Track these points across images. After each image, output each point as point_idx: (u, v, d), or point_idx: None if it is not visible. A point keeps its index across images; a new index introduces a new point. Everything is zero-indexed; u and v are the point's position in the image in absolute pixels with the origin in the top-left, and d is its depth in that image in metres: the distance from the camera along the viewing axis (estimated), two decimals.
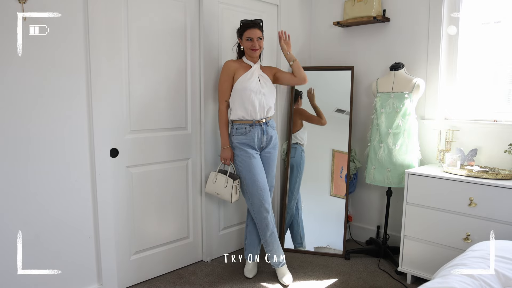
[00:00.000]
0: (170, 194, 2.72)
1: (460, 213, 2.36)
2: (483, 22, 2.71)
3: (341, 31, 3.40)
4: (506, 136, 2.55)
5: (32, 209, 2.04)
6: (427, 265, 2.51)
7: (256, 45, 2.50)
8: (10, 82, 1.92)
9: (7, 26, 1.88)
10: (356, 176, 3.30)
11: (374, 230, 3.31)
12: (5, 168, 1.94)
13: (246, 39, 2.50)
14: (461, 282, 1.42)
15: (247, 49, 2.53)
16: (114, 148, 2.38)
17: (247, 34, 2.49)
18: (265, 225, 2.54)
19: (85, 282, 2.28)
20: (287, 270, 2.65)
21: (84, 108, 2.19)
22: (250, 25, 2.49)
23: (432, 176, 2.47)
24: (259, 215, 2.54)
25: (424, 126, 2.93)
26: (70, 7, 2.08)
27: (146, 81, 2.50)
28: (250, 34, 2.48)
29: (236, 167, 2.60)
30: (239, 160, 2.56)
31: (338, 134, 3.18)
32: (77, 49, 2.13)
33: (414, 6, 2.95)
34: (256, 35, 2.49)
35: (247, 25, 2.50)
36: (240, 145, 2.55)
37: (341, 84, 3.21)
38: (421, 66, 2.94)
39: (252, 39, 2.49)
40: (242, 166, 2.55)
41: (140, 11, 2.42)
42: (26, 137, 1.99)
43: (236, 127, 2.57)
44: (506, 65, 2.64)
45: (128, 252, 2.53)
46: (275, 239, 2.60)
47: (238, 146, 2.56)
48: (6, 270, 1.97)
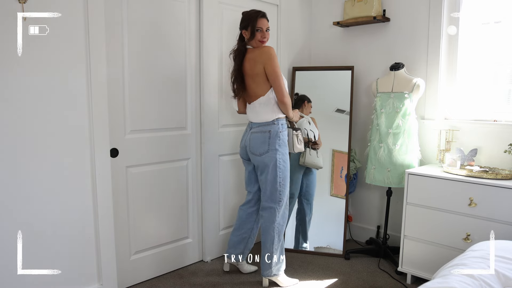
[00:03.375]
0: (170, 194, 2.72)
1: (460, 213, 2.36)
2: (483, 22, 2.71)
3: (341, 31, 3.40)
4: (506, 136, 2.55)
5: (32, 209, 2.04)
6: (427, 265, 2.51)
7: (266, 36, 2.43)
8: (10, 82, 1.92)
9: (7, 26, 1.87)
10: (356, 176, 3.30)
11: (374, 230, 3.31)
12: (5, 168, 1.94)
13: (256, 30, 2.39)
14: (461, 282, 1.42)
15: (256, 40, 2.41)
16: (114, 148, 2.38)
17: (258, 24, 2.39)
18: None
19: (85, 282, 2.28)
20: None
21: (84, 108, 2.19)
22: (260, 15, 2.40)
23: (432, 176, 2.47)
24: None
25: (424, 126, 2.93)
26: (70, 7, 2.08)
27: (146, 81, 2.50)
28: (261, 24, 2.39)
29: (279, 165, 2.42)
30: (284, 160, 2.44)
31: (338, 134, 3.18)
32: (77, 49, 2.13)
33: (414, 6, 2.95)
34: (266, 26, 2.42)
35: (257, 15, 2.40)
36: (284, 144, 2.46)
37: (341, 84, 3.21)
38: (421, 66, 2.94)
39: (262, 30, 2.40)
40: (286, 167, 2.46)
41: (140, 11, 2.42)
42: (26, 137, 1.99)
43: (282, 123, 2.45)
44: (506, 65, 2.64)
45: (128, 252, 2.53)
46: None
47: (284, 144, 2.45)
48: (6, 270, 1.97)
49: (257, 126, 2.46)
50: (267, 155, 2.41)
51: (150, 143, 2.57)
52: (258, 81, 2.40)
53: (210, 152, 2.86)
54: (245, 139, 2.54)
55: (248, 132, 2.53)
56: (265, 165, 2.43)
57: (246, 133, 2.55)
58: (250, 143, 2.46)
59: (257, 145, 2.43)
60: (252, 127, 2.49)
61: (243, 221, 2.66)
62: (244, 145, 2.54)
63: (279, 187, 2.45)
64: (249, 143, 2.47)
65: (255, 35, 2.39)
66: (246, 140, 2.52)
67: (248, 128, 2.53)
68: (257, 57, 2.37)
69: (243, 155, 2.58)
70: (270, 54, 2.34)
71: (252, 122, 2.49)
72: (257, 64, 2.37)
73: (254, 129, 2.46)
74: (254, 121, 2.48)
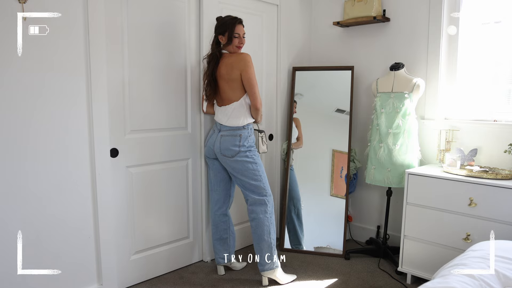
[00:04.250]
0: (170, 194, 2.72)
1: (460, 213, 2.36)
2: (483, 22, 2.71)
3: (341, 31, 3.40)
4: (506, 136, 2.55)
5: (32, 209, 2.04)
6: (427, 265, 2.51)
7: (243, 42, 2.53)
8: (10, 82, 1.92)
9: (7, 26, 1.87)
10: (356, 176, 3.30)
11: (374, 230, 3.31)
12: (5, 168, 1.94)
13: (234, 36, 2.49)
14: (461, 282, 1.42)
15: (233, 46, 2.50)
16: (114, 148, 2.38)
17: (236, 30, 2.49)
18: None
19: (85, 282, 2.28)
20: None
21: (84, 108, 2.19)
22: (237, 22, 2.50)
23: (432, 176, 2.47)
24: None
25: (424, 126, 2.93)
26: (70, 7, 2.08)
27: (146, 81, 2.50)
28: (238, 31, 2.50)
29: (253, 161, 2.52)
30: (255, 155, 2.54)
31: (338, 134, 3.18)
32: (77, 49, 2.13)
33: (414, 6, 2.95)
34: (243, 32, 2.52)
35: (235, 22, 2.50)
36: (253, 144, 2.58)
37: (341, 84, 3.21)
38: (421, 66, 2.94)
39: (239, 36, 2.50)
40: (259, 162, 2.56)
41: (140, 11, 2.42)
42: (26, 137, 1.99)
43: (250, 127, 2.57)
44: (506, 65, 2.64)
45: (128, 252, 2.53)
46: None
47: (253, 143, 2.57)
48: (6, 270, 1.97)
49: (227, 129, 2.53)
50: (238, 155, 2.48)
51: (150, 143, 2.57)
52: (234, 86, 2.49)
53: None
54: (213, 140, 2.59)
55: (216, 133, 2.59)
56: (240, 164, 2.50)
57: (213, 134, 2.62)
58: (220, 145, 2.52)
59: (228, 147, 2.50)
60: (221, 130, 2.56)
61: (217, 224, 2.71)
62: (212, 145, 2.59)
63: (260, 182, 2.53)
64: (219, 145, 2.53)
65: (233, 40, 2.47)
66: (215, 141, 2.57)
67: (217, 130, 2.59)
68: (235, 63, 2.46)
69: (209, 154, 2.64)
70: (248, 61, 2.44)
71: (222, 125, 2.56)
72: (234, 70, 2.45)
73: (224, 132, 2.53)
74: (224, 124, 2.54)
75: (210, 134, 2.66)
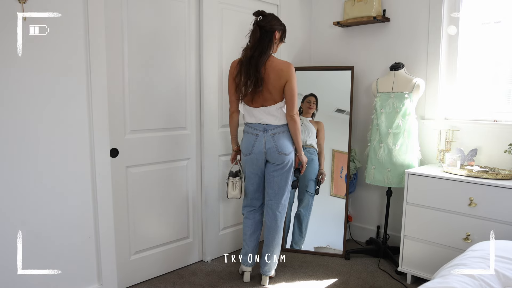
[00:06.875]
0: (170, 194, 2.72)
1: (460, 213, 2.36)
2: (483, 22, 2.71)
3: (341, 31, 3.40)
4: (506, 136, 2.55)
5: (32, 208, 2.04)
6: (427, 265, 2.51)
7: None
8: (10, 82, 1.92)
9: (7, 26, 1.87)
10: (356, 176, 3.30)
11: (374, 230, 3.31)
12: (5, 168, 1.94)
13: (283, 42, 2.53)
14: (461, 282, 1.42)
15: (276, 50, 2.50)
16: (114, 148, 2.38)
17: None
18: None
19: (85, 282, 2.28)
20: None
21: (84, 108, 2.19)
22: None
23: (432, 176, 2.47)
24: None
25: (424, 126, 2.93)
26: (70, 7, 2.08)
27: (146, 81, 2.50)
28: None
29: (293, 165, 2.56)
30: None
31: (338, 134, 3.18)
32: (77, 49, 2.13)
33: (414, 6, 2.95)
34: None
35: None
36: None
37: (341, 84, 3.21)
38: (421, 66, 2.94)
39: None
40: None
41: (140, 11, 2.42)
42: (26, 137, 1.99)
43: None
44: (506, 65, 2.64)
45: (128, 252, 2.53)
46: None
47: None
48: (6, 270, 1.97)
49: (276, 127, 2.45)
50: (292, 154, 2.49)
51: (150, 143, 2.57)
52: (278, 90, 2.41)
53: (210, 152, 2.86)
54: (261, 143, 2.44)
55: (261, 135, 2.45)
56: (290, 163, 2.50)
57: (257, 137, 2.45)
58: (276, 143, 2.43)
59: (285, 144, 2.46)
60: (267, 130, 2.44)
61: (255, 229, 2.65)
62: (262, 149, 2.45)
63: (288, 187, 2.57)
64: (274, 144, 2.43)
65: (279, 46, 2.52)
66: (265, 143, 2.44)
67: (261, 132, 2.45)
68: (283, 71, 2.38)
69: (259, 161, 2.49)
70: (294, 72, 2.42)
71: (267, 124, 2.44)
72: (281, 78, 2.38)
73: (275, 130, 2.44)
74: (271, 123, 2.44)
75: (249, 141, 2.48)
